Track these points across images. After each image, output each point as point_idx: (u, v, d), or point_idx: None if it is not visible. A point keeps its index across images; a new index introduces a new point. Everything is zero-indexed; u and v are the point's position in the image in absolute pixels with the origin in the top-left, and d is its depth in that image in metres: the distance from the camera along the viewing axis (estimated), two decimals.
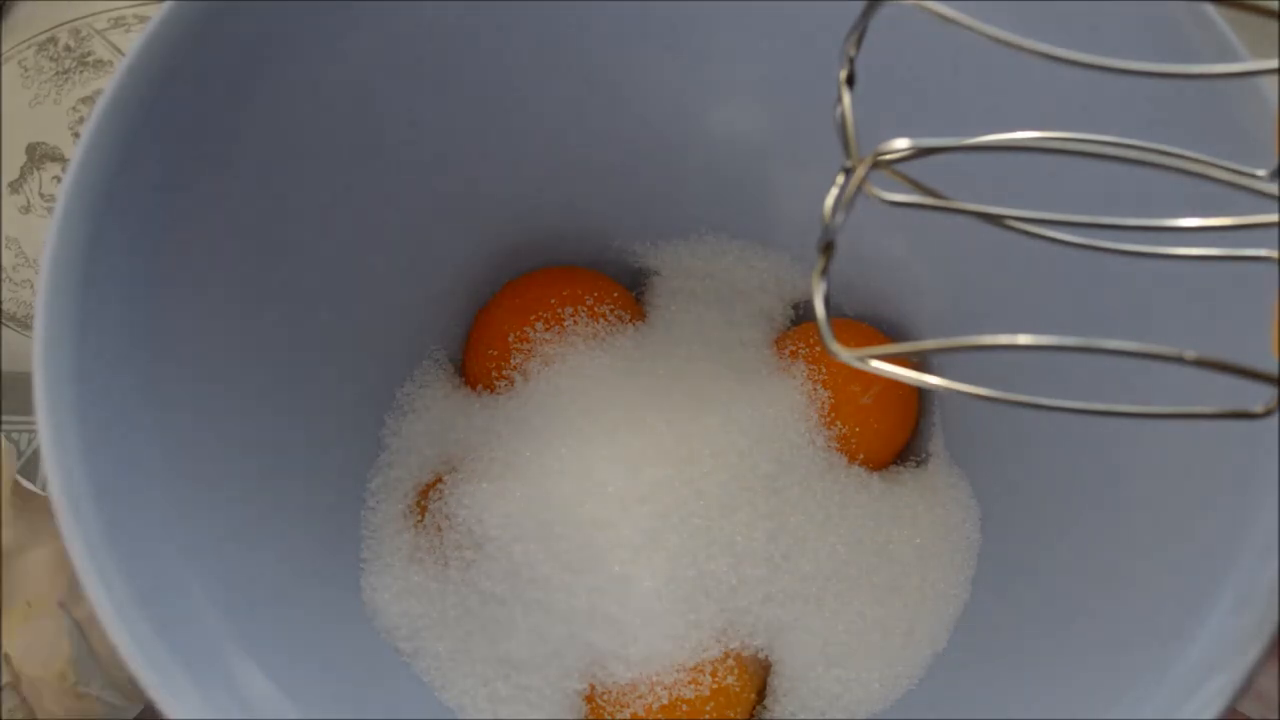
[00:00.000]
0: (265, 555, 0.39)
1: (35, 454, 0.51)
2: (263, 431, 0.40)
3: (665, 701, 0.41)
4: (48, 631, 0.43)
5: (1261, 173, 0.25)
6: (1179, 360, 0.24)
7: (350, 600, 0.43)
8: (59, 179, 0.54)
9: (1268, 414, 0.25)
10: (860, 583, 0.44)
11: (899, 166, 0.27)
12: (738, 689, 0.42)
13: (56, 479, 0.30)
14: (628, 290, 0.50)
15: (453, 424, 0.47)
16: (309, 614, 0.40)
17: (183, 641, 0.31)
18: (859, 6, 0.25)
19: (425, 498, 0.45)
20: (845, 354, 0.27)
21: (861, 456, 0.47)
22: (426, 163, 0.46)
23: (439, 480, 0.45)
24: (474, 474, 0.45)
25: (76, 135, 0.55)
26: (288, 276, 0.42)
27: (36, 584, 0.43)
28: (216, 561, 0.35)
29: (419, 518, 0.45)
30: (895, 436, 0.48)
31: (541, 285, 0.49)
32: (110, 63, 0.56)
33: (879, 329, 0.49)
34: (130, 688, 0.42)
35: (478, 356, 0.48)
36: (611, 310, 0.48)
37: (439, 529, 0.44)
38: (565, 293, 0.48)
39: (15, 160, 0.55)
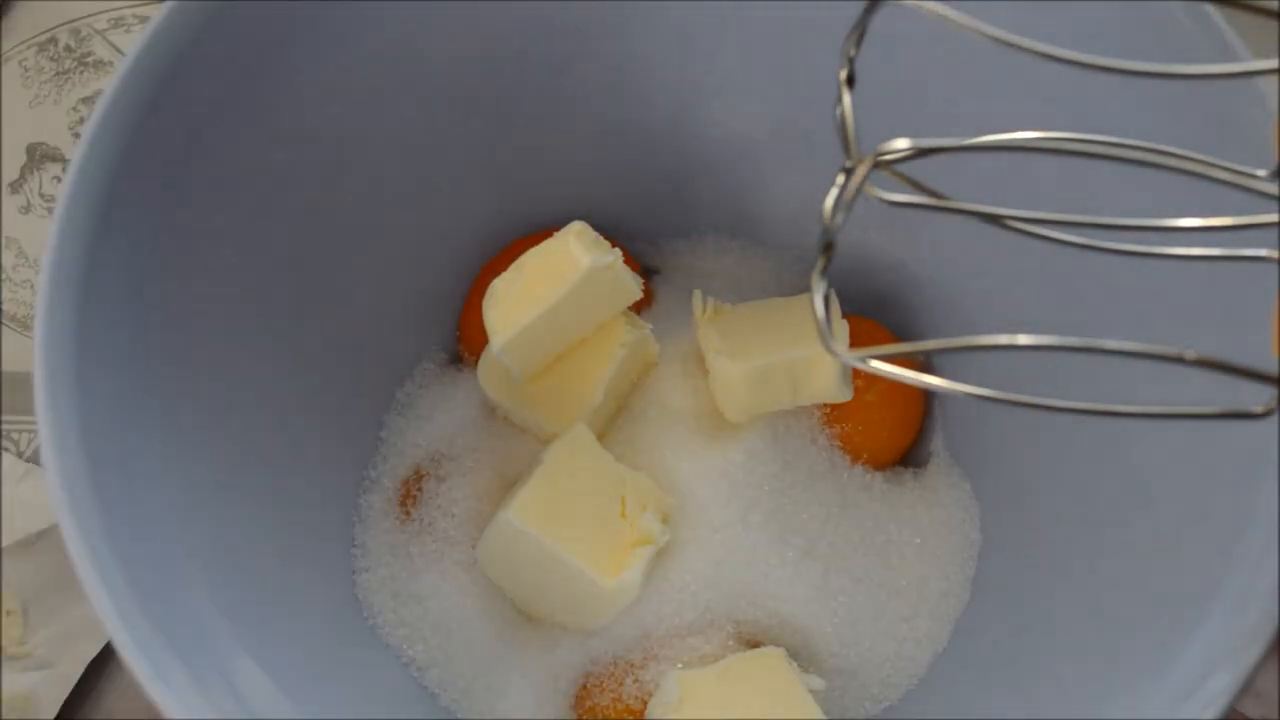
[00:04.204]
0: (263, 554, 0.39)
1: (35, 454, 0.51)
2: (263, 432, 0.40)
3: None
4: None
5: (1261, 173, 0.25)
6: (1179, 360, 0.24)
7: (347, 598, 0.43)
8: (59, 179, 0.54)
9: (1268, 414, 0.25)
10: (861, 582, 0.44)
11: (899, 166, 0.27)
12: None
13: (56, 479, 0.30)
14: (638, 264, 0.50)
15: (451, 422, 0.47)
16: (306, 612, 0.40)
17: (181, 639, 0.31)
18: (859, 6, 0.25)
19: (422, 494, 0.45)
20: (845, 354, 0.27)
21: (865, 456, 0.47)
22: (428, 166, 0.46)
23: (435, 478, 0.45)
24: (472, 471, 0.45)
25: (76, 135, 0.55)
26: (288, 278, 0.42)
27: None
28: (215, 560, 0.35)
29: (406, 515, 0.45)
30: (898, 438, 0.48)
31: None
32: (110, 63, 0.56)
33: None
34: None
35: (477, 316, 0.47)
36: None
37: (436, 526, 0.44)
38: None
39: (15, 160, 0.55)
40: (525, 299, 0.41)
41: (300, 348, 0.42)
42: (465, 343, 0.49)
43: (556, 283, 0.41)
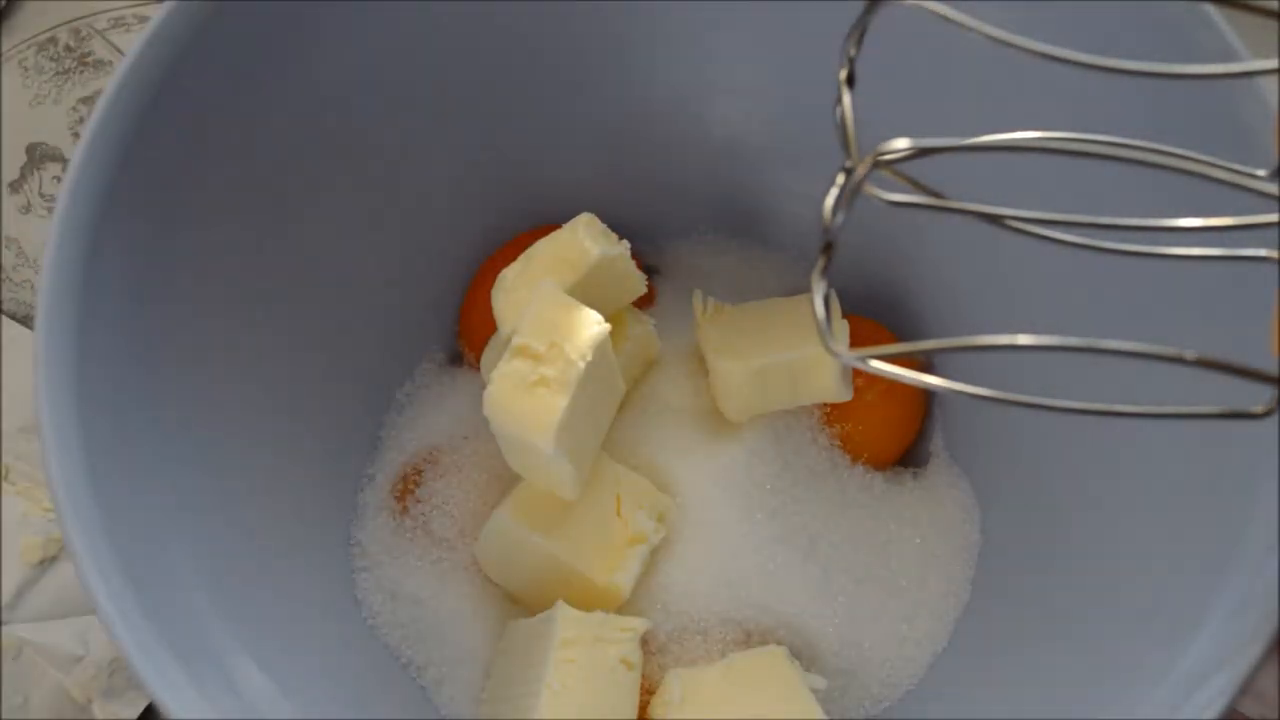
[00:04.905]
0: (263, 553, 0.39)
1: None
2: (263, 432, 0.40)
3: None
4: None
5: (1261, 173, 0.25)
6: (1179, 360, 0.24)
7: (347, 597, 0.43)
8: (59, 179, 0.54)
9: (1268, 414, 0.25)
10: (861, 582, 0.44)
11: (899, 166, 0.27)
12: None
13: (57, 478, 0.30)
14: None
15: (449, 421, 0.47)
16: (306, 612, 0.40)
17: (181, 639, 0.31)
18: (859, 6, 0.25)
19: (420, 493, 0.45)
20: (844, 354, 0.27)
21: (865, 456, 0.47)
22: (428, 167, 0.46)
23: (433, 477, 0.45)
24: (470, 470, 0.45)
25: (76, 135, 0.55)
26: (289, 277, 0.42)
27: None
28: (215, 559, 0.35)
29: (404, 514, 0.45)
30: (898, 438, 0.48)
31: None
32: (110, 63, 0.56)
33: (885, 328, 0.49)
34: None
35: (477, 311, 0.47)
36: None
37: (433, 526, 0.44)
38: None
39: (15, 160, 0.55)
40: (534, 287, 0.41)
41: (300, 347, 0.42)
42: (465, 342, 0.49)
43: (566, 272, 0.41)
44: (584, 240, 0.41)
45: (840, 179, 0.26)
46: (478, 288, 0.49)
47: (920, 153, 0.26)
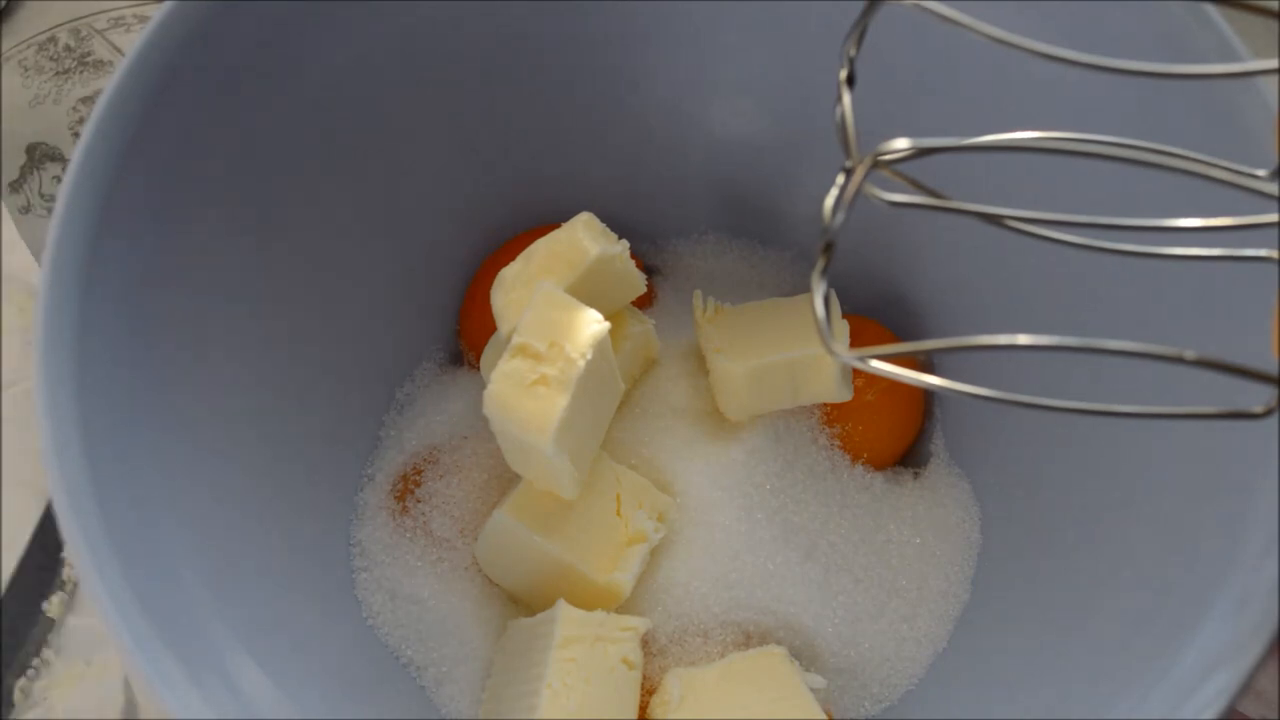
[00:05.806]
0: (263, 553, 0.39)
1: None
2: (263, 432, 0.40)
3: None
4: (103, 687, 0.44)
5: (1261, 173, 0.25)
6: (1179, 360, 0.24)
7: (347, 597, 0.43)
8: (59, 179, 0.54)
9: (1268, 414, 0.25)
10: (861, 582, 0.44)
11: (899, 166, 0.27)
12: None
13: (56, 478, 0.30)
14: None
15: (449, 421, 0.47)
16: (306, 612, 0.40)
17: (181, 639, 0.31)
18: (859, 6, 0.25)
19: (420, 492, 0.45)
20: (844, 354, 0.27)
21: (865, 456, 0.47)
22: (428, 166, 0.46)
23: (433, 477, 0.45)
24: (470, 470, 0.45)
25: (76, 135, 0.55)
26: (288, 278, 0.42)
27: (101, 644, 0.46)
28: (215, 560, 0.35)
29: (404, 513, 0.45)
30: (898, 438, 0.48)
31: None
32: (110, 63, 0.56)
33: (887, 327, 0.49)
34: None
35: (477, 311, 0.46)
36: None
37: (433, 525, 0.44)
38: None
39: (15, 160, 0.55)
40: (533, 286, 0.41)
41: (300, 347, 0.42)
42: (465, 342, 0.49)
43: (565, 271, 0.41)
44: (583, 239, 0.41)
45: (840, 179, 0.26)
46: (478, 287, 0.49)
47: (920, 153, 0.26)
